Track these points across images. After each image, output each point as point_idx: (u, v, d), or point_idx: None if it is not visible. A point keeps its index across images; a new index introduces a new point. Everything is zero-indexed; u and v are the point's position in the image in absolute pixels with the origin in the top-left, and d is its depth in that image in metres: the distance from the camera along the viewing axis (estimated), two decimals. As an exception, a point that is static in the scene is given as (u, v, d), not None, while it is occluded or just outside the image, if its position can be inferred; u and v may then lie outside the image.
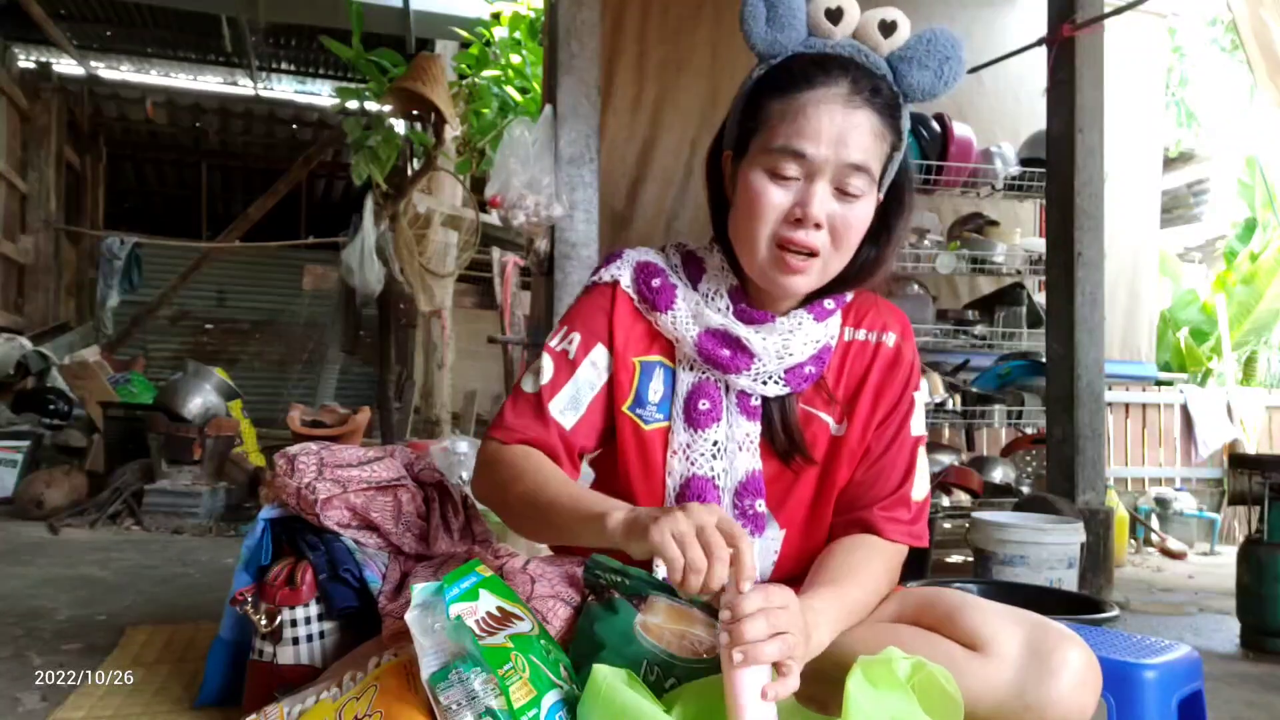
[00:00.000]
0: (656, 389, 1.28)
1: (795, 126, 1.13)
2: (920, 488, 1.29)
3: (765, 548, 1.28)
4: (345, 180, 8.69)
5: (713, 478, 1.24)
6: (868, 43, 1.18)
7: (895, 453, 1.28)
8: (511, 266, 5.40)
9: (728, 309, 1.25)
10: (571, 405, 1.26)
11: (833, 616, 1.10)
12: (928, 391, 3.63)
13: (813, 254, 1.16)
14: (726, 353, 1.23)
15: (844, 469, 1.28)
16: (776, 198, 1.15)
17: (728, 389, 1.26)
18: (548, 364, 1.28)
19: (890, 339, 1.31)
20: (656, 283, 1.28)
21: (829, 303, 1.26)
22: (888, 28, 1.16)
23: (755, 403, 1.26)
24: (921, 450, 1.31)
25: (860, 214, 1.17)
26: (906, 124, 1.21)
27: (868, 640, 1.10)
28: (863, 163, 1.14)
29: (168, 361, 8.50)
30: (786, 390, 1.25)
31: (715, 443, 1.25)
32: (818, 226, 1.15)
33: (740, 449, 1.25)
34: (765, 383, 1.24)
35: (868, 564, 1.21)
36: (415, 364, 6.34)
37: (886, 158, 1.18)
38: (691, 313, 1.26)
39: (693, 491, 1.24)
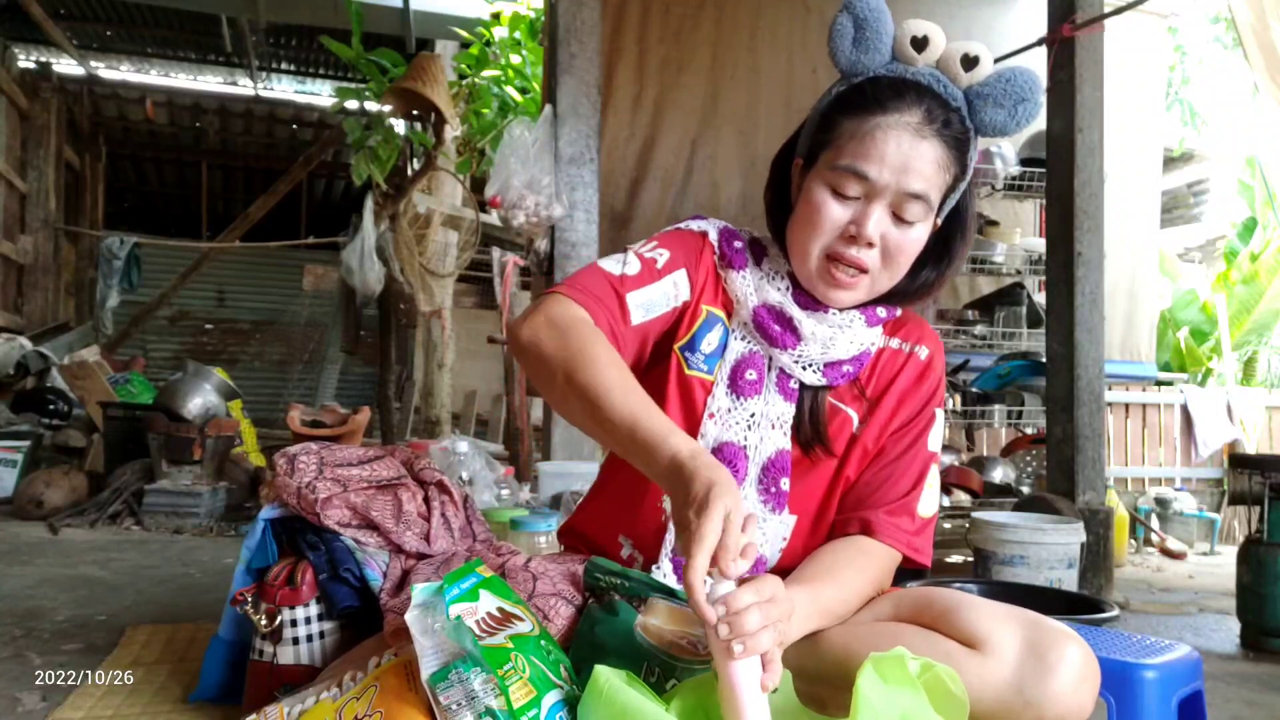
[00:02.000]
0: (711, 341, 1.31)
1: (863, 148, 1.16)
2: (928, 504, 1.30)
3: (775, 532, 1.29)
4: (345, 180, 8.71)
5: (744, 447, 1.28)
6: (948, 73, 1.19)
7: (908, 460, 1.30)
8: (511, 266, 5.39)
9: (787, 289, 1.29)
10: (645, 308, 1.25)
11: (804, 613, 1.11)
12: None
13: (862, 270, 1.20)
14: (777, 328, 1.27)
15: (856, 466, 1.31)
16: (835, 213, 1.19)
17: (770, 366, 1.30)
18: (634, 260, 1.26)
19: (923, 352, 1.34)
20: (738, 244, 1.33)
21: (881, 311, 1.30)
22: (970, 62, 1.18)
23: (793, 385, 1.30)
24: (935, 469, 1.32)
25: (914, 238, 1.20)
26: (974, 156, 1.23)
27: (867, 639, 1.11)
28: (922, 192, 1.17)
29: (167, 361, 8.51)
30: (822, 383, 1.29)
31: (753, 414, 1.28)
32: (870, 245, 1.19)
33: (773, 427, 1.28)
34: (805, 368, 1.28)
35: (852, 565, 1.22)
36: (415, 364, 6.34)
37: (949, 187, 1.21)
38: (754, 285, 1.30)
39: (724, 457, 1.26)
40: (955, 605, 1.13)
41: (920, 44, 1.18)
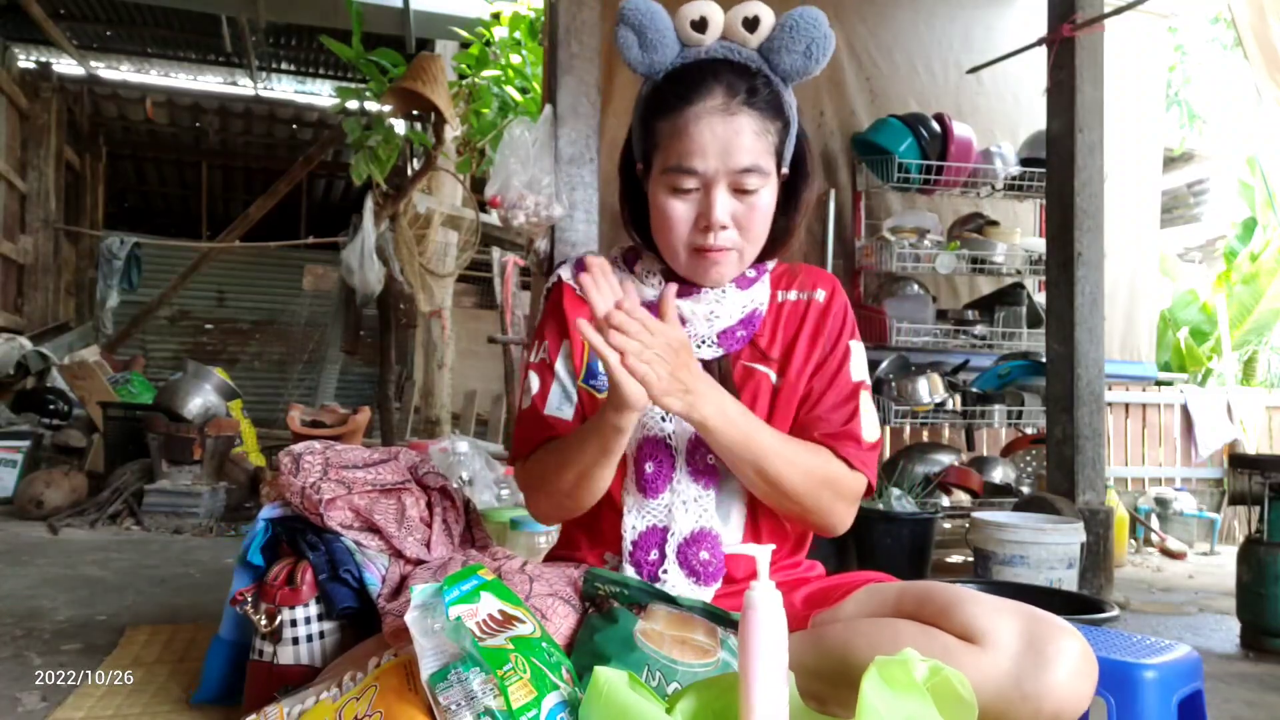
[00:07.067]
0: None
1: (682, 145, 1.23)
2: (869, 429, 1.33)
3: (729, 506, 1.32)
4: (345, 180, 8.70)
5: (664, 438, 1.31)
6: (735, 40, 1.24)
7: (836, 392, 1.33)
8: (511, 266, 5.39)
9: (659, 285, 1.34)
10: (564, 400, 1.34)
11: (733, 414, 1.20)
12: (929, 393, 3.62)
13: (727, 249, 1.26)
14: None
15: (787, 416, 1.33)
16: (681, 211, 1.26)
17: None
18: (533, 378, 1.38)
19: (820, 295, 1.39)
20: None
21: (750, 272, 1.35)
22: (750, 23, 1.23)
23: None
24: (865, 395, 1.35)
25: (762, 204, 1.26)
26: (791, 102, 1.28)
27: (866, 636, 1.11)
28: (751, 165, 1.23)
29: (168, 361, 8.50)
30: (720, 352, 1.33)
31: None
32: (724, 228, 1.24)
33: None
34: (699, 346, 1.32)
35: (805, 446, 1.27)
36: (415, 364, 6.34)
37: (778, 143, 1.26)
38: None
39: (648, 453, 1.31)
40: (955, 600, 1.14)
41: (701, 25, 1.23)
